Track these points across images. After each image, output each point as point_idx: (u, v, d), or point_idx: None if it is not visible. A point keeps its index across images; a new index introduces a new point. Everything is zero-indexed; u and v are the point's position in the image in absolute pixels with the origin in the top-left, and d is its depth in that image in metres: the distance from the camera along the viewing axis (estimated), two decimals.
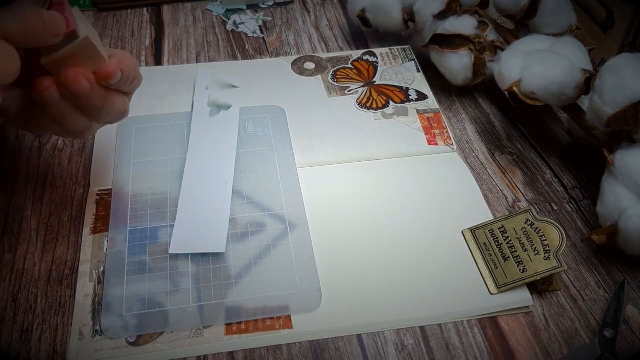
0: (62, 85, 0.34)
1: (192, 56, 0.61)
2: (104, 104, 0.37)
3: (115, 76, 0.36)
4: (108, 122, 0.40)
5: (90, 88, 0.35)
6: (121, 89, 0.38)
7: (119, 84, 0.37)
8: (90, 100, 0.36)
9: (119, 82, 0.36)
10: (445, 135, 0.52)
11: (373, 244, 0.43)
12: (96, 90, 0.36)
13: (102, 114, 0.37)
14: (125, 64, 0.36)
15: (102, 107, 0.37)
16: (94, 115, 0.37)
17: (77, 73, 0.34)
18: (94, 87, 0.35)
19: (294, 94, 0.55)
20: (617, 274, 0.43)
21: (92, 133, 0.40)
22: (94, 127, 0.39)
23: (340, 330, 0.39)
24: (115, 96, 0.38)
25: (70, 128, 0.37)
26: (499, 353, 0.38)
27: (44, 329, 0.38)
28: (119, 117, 0.39)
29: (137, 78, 0.39)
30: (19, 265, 0.41)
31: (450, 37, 0.54)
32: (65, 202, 0.45)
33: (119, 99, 0.38)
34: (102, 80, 0.36)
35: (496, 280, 0.41)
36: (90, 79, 0.35)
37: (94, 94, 0.35)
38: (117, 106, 0.38)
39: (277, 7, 0.70)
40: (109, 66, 0.35)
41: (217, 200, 0.45)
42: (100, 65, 0.35)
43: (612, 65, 0.42)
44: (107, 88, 0.36)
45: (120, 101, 0.38)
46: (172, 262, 0.41)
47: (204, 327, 0.38)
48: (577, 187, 0.49)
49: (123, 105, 0.39)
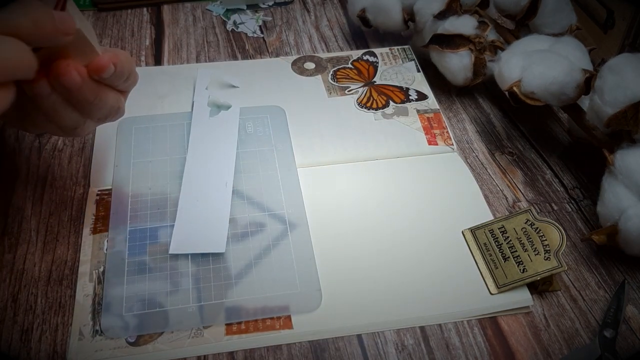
0: (53, 78, 0.34)
1: (192, 56, 0.61)
2: (95, 98, 0.36)
3: (108, 70, 0.35)
4: (102, 120, 0.39)
5: (81, 81, 0.34)
6: (115, 85, 0.38)
7: (112, 79, 0.36)
8: (81, 93, 0.35)
9: (112, 77, 0.36)
10: (445, 135, 0.52)
11: (373, 244, 0.43)
12: (87, 84, 0.35)
13: (94, 108, 0.37)
14: (119, 59, 0.36)
15: (93, 102, 0.36)
16: (86, 110, 0.37)
17: (68, 65, 0.34)
18: (85, 80, 0.35)
19: (294, 94, 0.55)
20: (617, 274, 0.43)
21: (86, 131, 0.39)
22: (88, 124, 0.39)
23: (340, 330, 0.39)
24: (107, 91, 0.37)
25: (63, 123, 0.37)
26: (499, 353, 0.38)
27: (44, 329, 0.38)
28: (112, 114, 0.39)
29: (133, 76, 0.39)
30: (19, 265, 0.41)
31: (450, 37, 0.54)
32: (65, 202, 0.45)
33: (112, 95, 0.38)
34: (93, 73, 0.35)
35: (496, 280, 0.41)
36: (82, 72, 0.35)
37: (85, 87, 0.35)
38: (110, 102, 0.38)
39: (277, 7, 0.70)
40: (101, 59, 0.35)
41: (217, 200, 0.45)
42: (92, 59, 0.35)
43: (612, 65, 0.42)
44: (99, 83, 0.36)
45: (114, 97, 0.38)
46: (172, 262, 0.41)
47: (204, 327, 0.38)
48: (577, 187, 0.49)
49: (116, 102, 0.38)
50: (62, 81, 0.34)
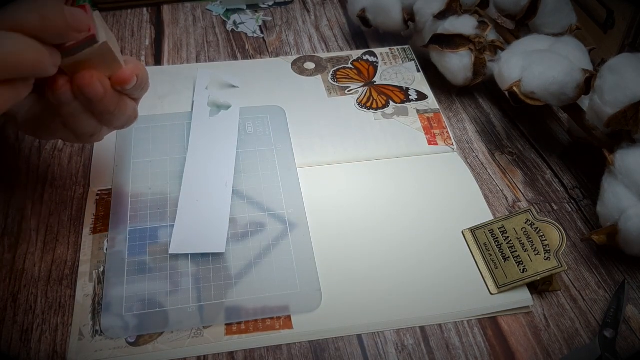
0: (76, 88, 0.35)
1: (192, 56, 0.61)
2: (116, 108, 0.37)
3: (131, 81, 0.36)
4: (117, 127, 0.40)
5: (104, 92, 0.35)
6: (133, 94, 0.38)
7: (133, 89, 0.37)
8: (102, 103, 0.36)
9: (133, 88, 0.37)
10: (445, 135, 0.52)
11: (373, 243, 0.43)
12: (109, 95, 0.36)
13: (114, 118, 0.38)
14: (140, 71, 0.37)
15: (113, 112, 0.37)
16: (105, 119, 0.38)
17: (92, 76, 0.34)
18: (108, 91, 0.35)
19: (294, 94, 0.55)
20: (617, 274, 0.43)
21: (99, 138, 0.40)
22: (103, 131, 0.39)
23: (340, 330, 0.39)
24: (127, 101, 0.38)
25: (80, 130, 0.37)
26: (499, 353, 0.38)
27: (44, 329, 0.38)
28: (129, 122, 0.39)
29: (147, 85, 0.39)
30: (19, 265, 0.41)
31: (451, 37, 0.54)
32: (65, 202, 0.45)
33: (131, 104, 0.38)
34: (117, 85, 0.36)
35: (496, 280, 0.41)
36: (105, 84, 0.35)
37: (107, 98, 0.36)
38: (128, 111, 0.38)
39: (277, 7, 0.70)
40: (125, 71, 0.36)
41: (217, 200, 0.45)
42: (116, 70, 0.36)
43: (612, 65, 0.42)
44: (120, 93, 0.37)
45: (132, 106, 0.39)
46: (172, 262, 0.41)
47: (204, 327, 0.38)
48: (577, 187, 0.49)
49: (134, 111, 0.39)
50: (85, 92, 0.34)
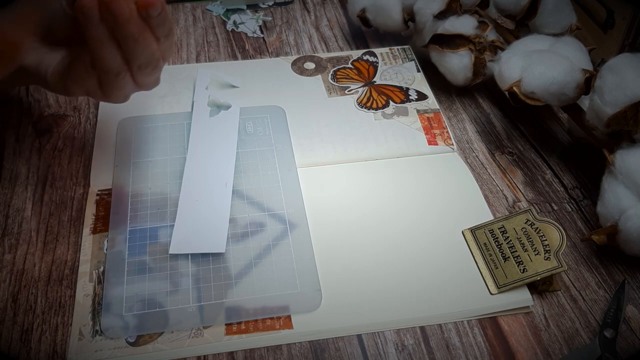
0: (103, 6, 0.35)
1: (192, 56, 0.61)
2: (139, 35, 0.37)
3: (156, 6, 0.36)
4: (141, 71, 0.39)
5: (129, 12, 0.36)
6: (157, 32, 0.38)
7: (157, 21, 0.37)
8: (128, 27, 0.36)
9: (157, 20, 0.37)
10: (445, 135, 0.52)
11: (373, 244, 0.43)
12: (134, 19, 0.36)
13: (138, 48, 0.37)
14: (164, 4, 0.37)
15: (137, 39, 0.37)
16: (130, 49, 0.37)
17: None
18: (133, 14, 0.36)
19: (294, 94, 0.55)
20: (617, 274, 0.43)
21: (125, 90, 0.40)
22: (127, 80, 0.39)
23: (340, 330, 0.39)
24: (150, 35, 0.38)
25: (106, 65, 0.38)
26: (499, 353, 0.38)
27: (44, 329, 0.38)
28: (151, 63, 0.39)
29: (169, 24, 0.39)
30: (19, 265, 0.41)
31: (450, 37, 0.54)
32: (65, 202, 0.45)
33: (154, 42, 0.38)
34: (142, 8, 0.36)
35: (496, 280, 0.41)
36: (131, 5, 0.36)
37: (132, 21, 0.36)
38: (152, 47, 0.38)
39: (277, 7, 0.70)
40: None
41: (217, 200, 0.45)
42: None
43: (612, 65, 0.42)
44: (144, 23, 0.37)
45: (155, 46, 0.38)
46: (172, 262, 0.41)
47: (204, 327, 0.38)
48: (577, 187, 0.49)
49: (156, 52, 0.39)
50: (111, 9, 0.35)
